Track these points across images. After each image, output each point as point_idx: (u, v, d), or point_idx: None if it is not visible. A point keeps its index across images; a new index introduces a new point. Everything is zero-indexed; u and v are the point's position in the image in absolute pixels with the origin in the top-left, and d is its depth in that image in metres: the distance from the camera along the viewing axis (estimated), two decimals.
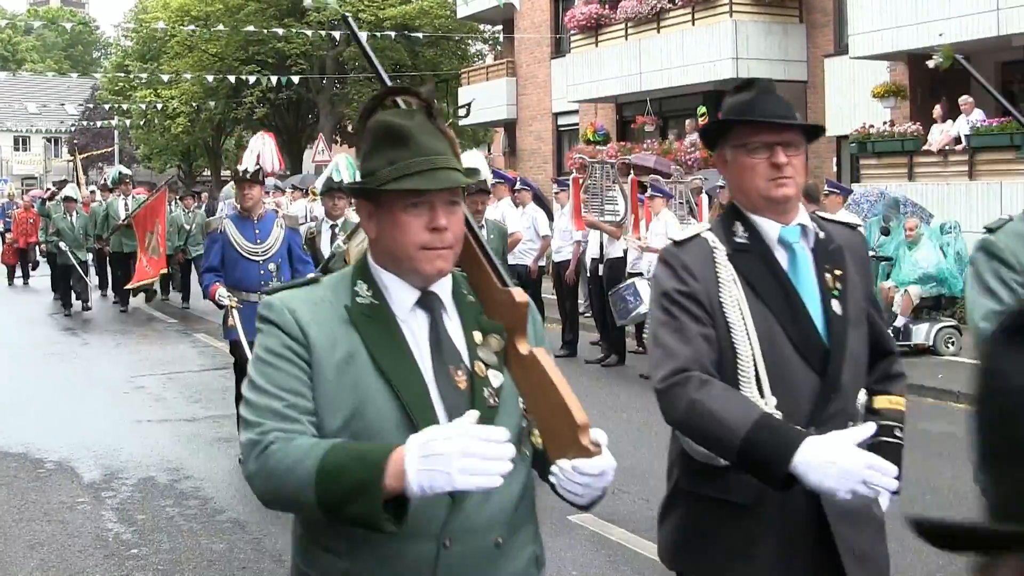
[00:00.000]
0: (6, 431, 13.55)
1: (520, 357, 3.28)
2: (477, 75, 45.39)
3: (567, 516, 9.60)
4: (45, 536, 9.42)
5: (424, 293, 3.32)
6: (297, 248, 12.19)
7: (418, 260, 3.22)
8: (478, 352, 3.31)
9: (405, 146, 3.18)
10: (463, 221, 3.29)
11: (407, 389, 3.18)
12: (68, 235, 26.71)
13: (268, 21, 51.61)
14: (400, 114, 3.31)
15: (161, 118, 60.60)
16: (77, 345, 21.31)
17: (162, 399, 15.66)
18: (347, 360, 3.20)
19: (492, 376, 3.30)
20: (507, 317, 3.33)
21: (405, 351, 3.25)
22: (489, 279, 3.39)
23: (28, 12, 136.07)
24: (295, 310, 3.23)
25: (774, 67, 28.95)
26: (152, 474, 11.42)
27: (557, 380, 3.18)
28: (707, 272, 4.05)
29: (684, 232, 4.26)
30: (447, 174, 3.18)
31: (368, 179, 3.24)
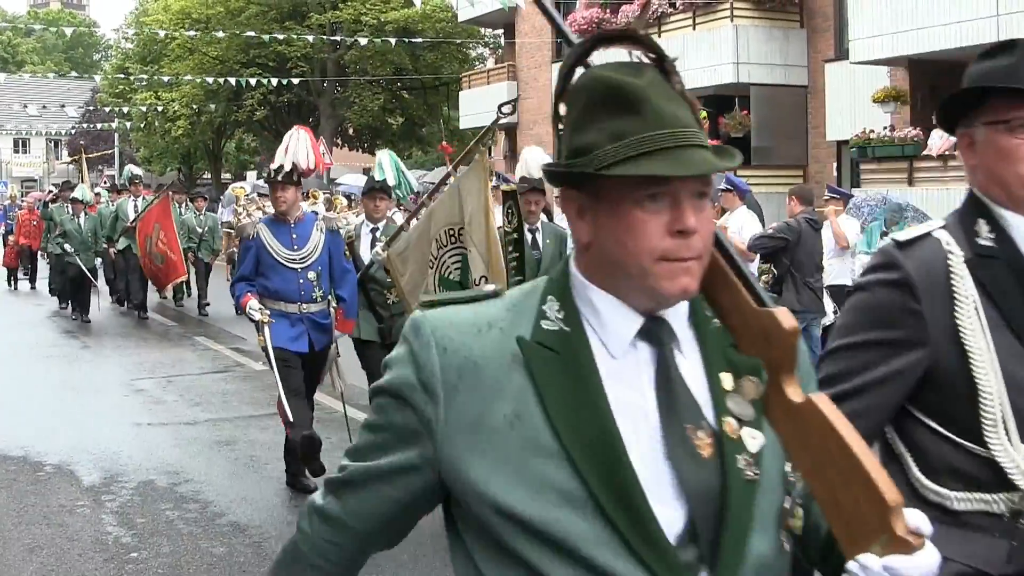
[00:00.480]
0: (5, 433, 13.51)
1: (791, 407, 2.27)
2: (478, 79, 45.47)
3: None
4: (44, 539, 9.40)
5: (650, 319, 2.29)
6: (339, 254, 11.20)
7: (654, 275, 2.21)
8: (727, 402, 2.28)
9: (637, 114, 2.19)
10: (712, 222, 2.27)
11: (596, 474, 2.18)
12: (75, 238, 25.47)
13: (269, 24, 51.70)
14: (625, 69, 2.30)
15: (161, 121, 60.62)
16: (77, 347, 21.30)
17: (162, 402, 15.64)
18: (511, 423, 2.25)
19: (748, 437, 2.27)
20: (768, 350, 2.31)
21: (602, 410, 2.22)
22: (740, 296, 2.35)
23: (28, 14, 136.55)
24: (447, 342, 2.32)
25: (775, 72, 29.02)
26: (152, 477, 11.40)
27: (852, 440, 2.21)
28: (937, 285, 3.21)
29: (909, 231, 3.43)
30: (699, 155, 2.19)
31: (581, 160, 2.24)
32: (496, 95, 42.77)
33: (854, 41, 25.23)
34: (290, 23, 52.79)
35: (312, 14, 53.43)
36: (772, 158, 29.31)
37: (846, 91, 27.58)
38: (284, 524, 9.64)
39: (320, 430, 12.36)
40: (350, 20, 52.49)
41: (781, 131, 29.46)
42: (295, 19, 53.67)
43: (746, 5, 28.94)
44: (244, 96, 54.01)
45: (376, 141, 63.71)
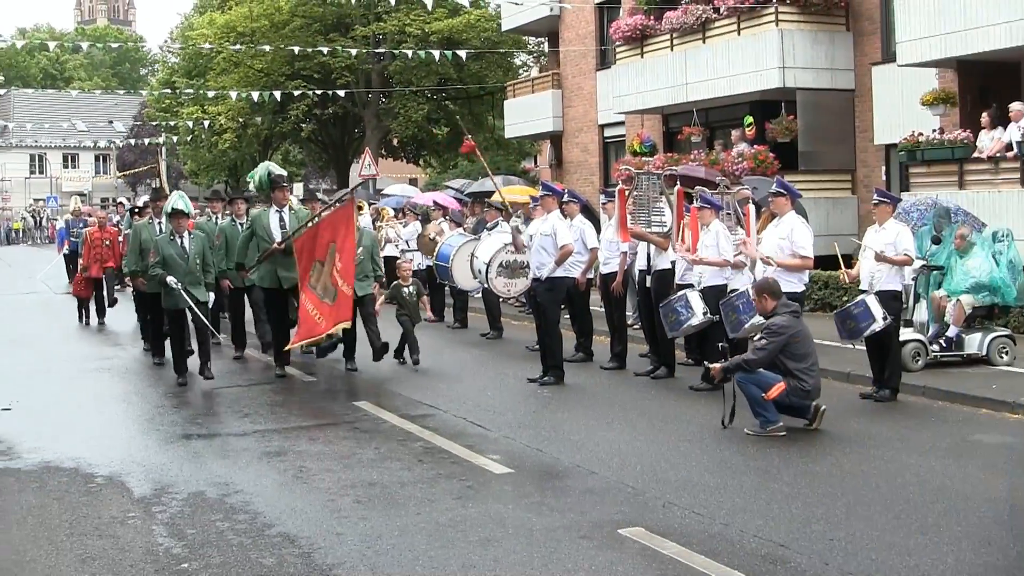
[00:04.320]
0: (56, 446, 13.60)
1: None
2: (523, 88, 45.36)
3: (617, 530, 9.56)
4: (96, 550, 9.43)
5: None
6: None
7: None
8: None
9: None
10: None
11: None
12: (179, 265, 18.13)
13: (313, 37, 51.86)
14: None
15: (208, 134, 60.90)
16: (126, 360, 21.37)
17: (211, 414, 15.71)
18: None
19: None
20: None
21: None
22: None
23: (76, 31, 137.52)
24: None
25: (821, 76, 28.85)
26: (202, 488, 11.42)
27: None
28: None
29: None
30: None
31: None
32: (541, 104, 42.80)
33: (901, 43, 25.05)
34: (334, 35, 52.94)
35: (356, 26, 53.58)
36: (819, 163, 29.14)
37: (894, 94, 27.39)
38: (333, 535, 9.63)
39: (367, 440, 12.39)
40: (394, 31, 52.63)
41: (828, 136, 29.29)
42: (339, 31, 53.83)
43: (791, 9, 28.79)
44: (289, 108, 54.18)
45: (421, 151, 63.86)
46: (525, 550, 9.13)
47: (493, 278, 20.54)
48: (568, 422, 14.56)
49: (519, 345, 21.60)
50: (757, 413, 13.46)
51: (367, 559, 9.00)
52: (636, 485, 11.14)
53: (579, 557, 8.93)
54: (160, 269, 18.10)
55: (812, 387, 13.57)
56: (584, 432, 13.82)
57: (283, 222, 18.65)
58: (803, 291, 16.46)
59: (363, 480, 11.61)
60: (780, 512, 10.06)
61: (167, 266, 18.05)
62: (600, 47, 39.75)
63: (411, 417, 14.91)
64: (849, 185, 29.35)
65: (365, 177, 42.62)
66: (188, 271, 18.10)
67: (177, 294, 17.82)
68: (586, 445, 13.05)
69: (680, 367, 18.14)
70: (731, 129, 30.60)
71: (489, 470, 11.97)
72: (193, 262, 18.23)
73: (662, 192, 18.08)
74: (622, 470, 11.80)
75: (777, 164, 27.74)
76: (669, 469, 11.84)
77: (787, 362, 13.52)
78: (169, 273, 17.93)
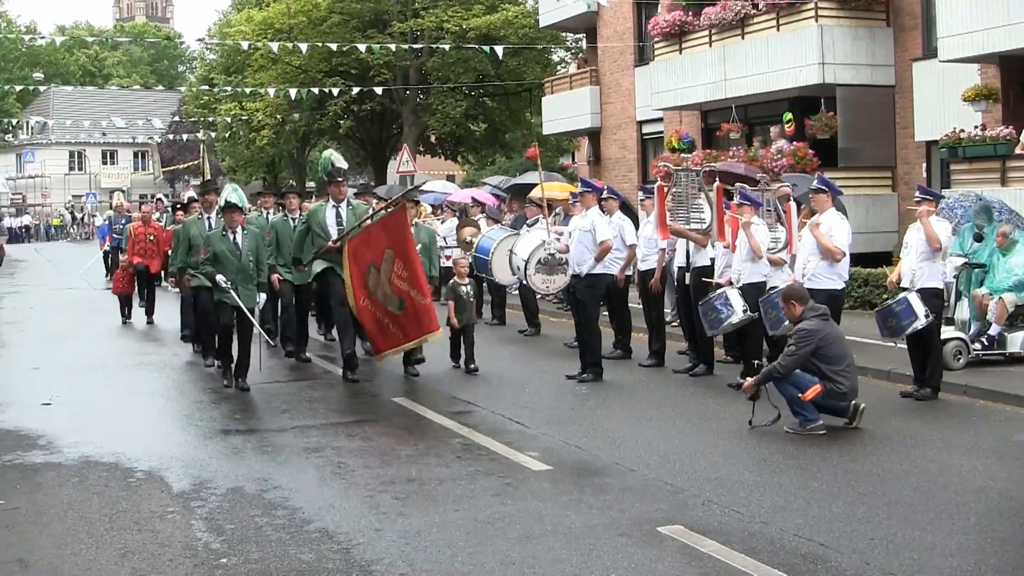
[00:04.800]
0: (96, 440, 13.67)
1: None
2: (561, 84, 45.30)
3: (656, 528, 9.54)
4: (136, 544, 9.46)
5: None
6: None
7: None
8: None
9: None
10: None
11: None
12: (231, 263, 17.14)
13: (351, 33, 51.88)
14: None
15: (246, 131, 61.05)
16: (166, 355, 21.43)
17: (250, 409, 15.74)
18: None
19: None
20: None
21: None
22: None
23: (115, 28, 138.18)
24: None
25: (861, 72, 28.71)
26: (240, 484, 11.45)
27: None
28: None
29: None
30: None
31: None
32: (579, 100, 42.75)
33: (943, 39, 24.89)
34: (372, 31, 52.95)
35: (394, 22, 53.59)
36: (859, 160, 28.98)
37: (935, 90, 27.23)
38: (372, 531, 9.63)
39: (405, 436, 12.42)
40: (432, 27, 52.61)
41: (868, 132, 29.12)
42: (377, 27, 53.83)
43: (831, 4, 28.64)
44: (327, 105, 54.23)
45: (459, 148, 63.85)
46: (564, 547, 9.11)
47: (532, 274, 20.50)
48: (607, 419, 14.54)
49: (557, 342, 21.58)
50: (796, 412, 13.40)
51: (405, 555, 9.00)
52: (675, 483, 11.11)
53: (618, 555, 8.91)
54: (210, 266, 17.16)
55: (848, 388, 13.49)
56: (623, 429, 13.80)
57: (340, 218, 17.81)
58: (843, 288, 16.40)
59: (402, 476, 11.63)
60: (820, 511, 10.01)
61: (218, 263, 17.06)
62: (638, 43, 39.67)
63: (450, 413, 14.92)
64: (889, 182, 29.20)
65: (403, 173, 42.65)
66: (240, 269, 17.12)
67: (226, 293, 16.92)
68: (625, 442, 13.03)
69: (719, 364, 18.10)
70: (770, 126, 30.48)
71: (528, 467, 11.95)
72: (246, 259, 17.20)
73: (701, 189, 18.03)
74: (661, 468, 11.77)
75: (817, 161, 27.63)
76: (708, 467, 11.81)
77: (821, 365, 13.43)
78: (220, 271, 16.96)
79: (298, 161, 70.84)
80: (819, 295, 15.54)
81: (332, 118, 56.44)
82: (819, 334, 13.49)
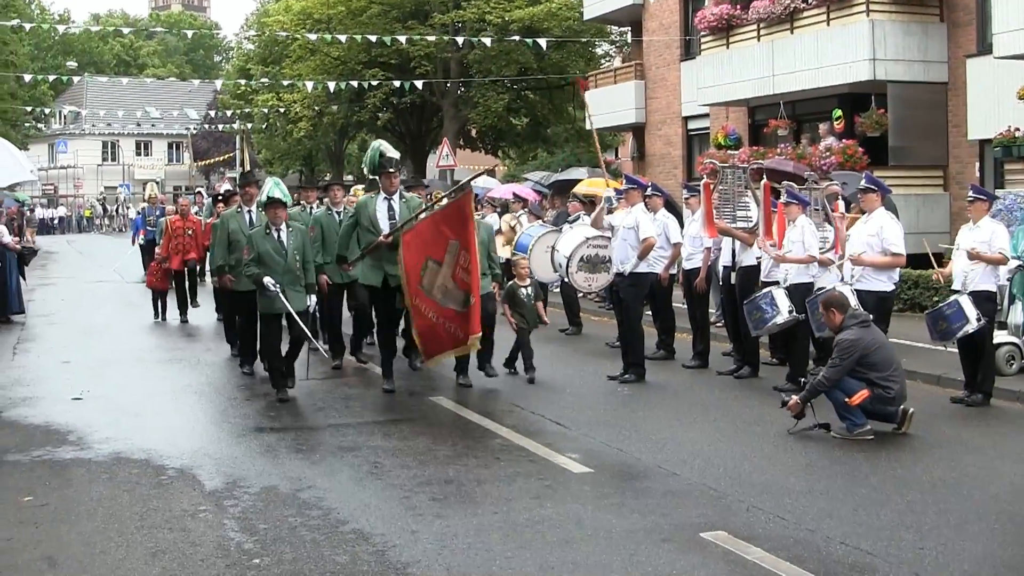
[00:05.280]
0: (128, 437, 13.70)
1: None
2: (605, 78, 45.25)
3: (699, 534, 9.50)
4: (167, 544, 9.47)
5: None
6: None
7: None
8: None
9: None
10: None
11: None
12: (276, 263, 16.12)
13: (391, 24, 51.90)
14: None
15: (283, 122, 61.17)
16: (200, 351, 21.47)
17: (285, 407, 15.73)
18: None
19: None
20: None
21: None
22: None
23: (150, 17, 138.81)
24: None
25: (913, 68, 28.56)
26: (274, 483, 11.45)
27: None
28: None
29: None
30: None
31: None
32: (623, 94, 42.71)
33: (998, 35, 24.72)
34: (412, 23, 52.96)
35: (435, 13, 53.57)
36: (910, 158, 28.82)
37: (989, 87, 27.05)
38: (408, 533, 9.62)
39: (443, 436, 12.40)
40: (474, 19, 52.55)
41: (920, 130, 28.96)
42: (418, 18, 53.84)
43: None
44: (366, 97, 54.25)
45: (500, 142, 63.80)
46: (604, 552, 9.09)
47: (574, 272, 20.43)
48: (649, 421, 14.51)
49: (599, 341, 21.55)
50: (843, 416, 13.34)
51: (442, 558, 8.99)
52: (719, 487, 11.08)
53: (660, 561, 8.88)
54: (256, 267, 16.07)
55: (896, 394, 13.41)
56: (665, 432, 13.77)
57: (392, 211, 16.55)
58: (893, 290, 16.33)
59: (439, 477, 11.62)
60: (868, 519, 9.95)
61: (262, 264, 16.01)
62: (685, 37, 39.61)
63: (488, 413, 14.91)
64: (941, 181, 29.04)
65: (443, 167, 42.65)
66: (287, 269, 16.09)
67: (275, 297, 15.94)
68: (667, 445, 13.00)
69: (764, 366, 18.04)
70: (819, 122, 30.33)
71: (568, 469, 11.93)
72: (292, 259, 16.18)
73: (748, 186, 17.97)
74: (704, 472, 11.74)
75: (866, 159, 27.54)
76: (753, 472, 11.76)
77: (867, 372, 13.35)
78: (265, 272, 15.94)
79: (336, 154, 70.98)
80: (868, 297, 15.49)
81: (371, 110, 56.47)
82: (861, 343, 13.40)
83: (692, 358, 18.92)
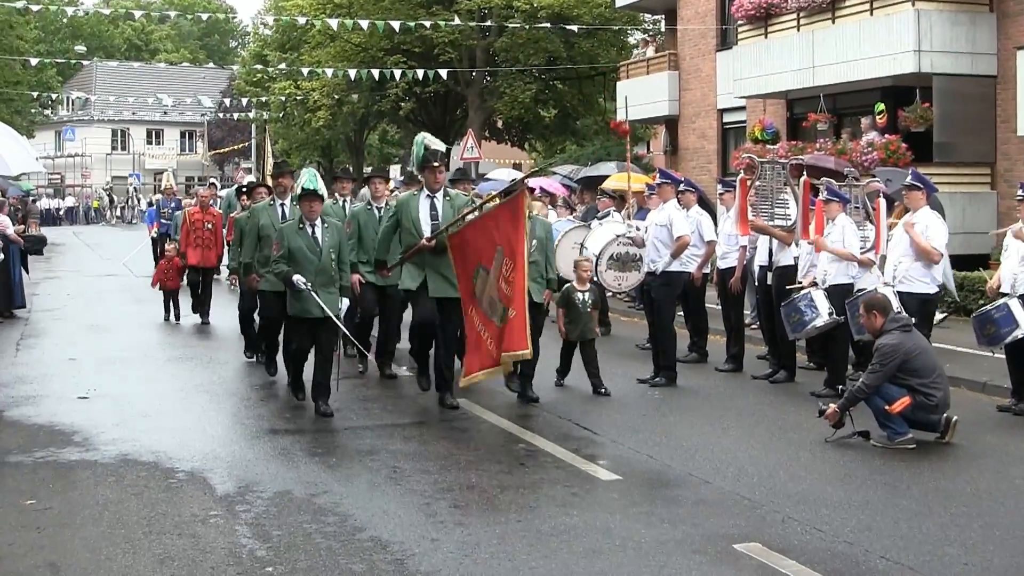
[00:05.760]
0: (136, 438, 13.72)
1: None
2: (637, 68, 45.19)
3: (732, 545, 9.49)
4: (176, 550, 9.48)
5: None
6: None
7: None
8: None
9: None
10: None
11: None
12: (309, 261, 15.14)
13: (414, 9, 51.85)
14: None
15: (301, 111, 61.18)
16: (212, 349, 21.51)
17: (300, 408, 15.72)
18: None
19: None
20: None
21: None
22: None
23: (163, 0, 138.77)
24: None
25: (960, 61, 28.46)
26: (288, 487, 11.46)
27: None
28: None
29: None
30: None
31: None
32: (656, 85, 42.64)
33: None
34: (437, 8, 52.88)
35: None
36: (956, 155, 28.71)
37: None
38: (428, 541, 9.62)
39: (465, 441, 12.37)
40: (501, 5, 52.39)
41: (967, 125, 28.86)
42: (442, 4, 53.75)
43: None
44: (388, 86, 54.20)
45: (527, 135, 63.69)
46: (633, 563, 9.08)
47: (603, 271, 20.39)
48: (680, 427, 14.49)
49: (628, 343, 21.52)
50: (883, 424, 13.30)
51: (464, 568, 8.99)
52: (753, 497, 11.06)
53: (691, 573, 8.87)
54: (285, 265, 15.14)
55: (939, 401, 13.35)
56: (697, 438, 13.76)
57: (435, 211, 15.57)
58: (937, 292, 16.28)
59: (460, 483, 11.63)
60: (910, 532, 9.93)
61: (294, 262, 15.09)
62: (721, 26, 39.54)
63: (513, 417, 14.90)
64: (988, 179, 28.93)
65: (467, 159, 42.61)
66: (320, 269, 15.14)
67: (307, 298, 15.03)
68: (699, 452, 12.99)
69: (801, 371, 17.99)
70: (860, 116, 30.27)
71: (595, 476, 11.93)
72: (327, 258, 15.23)
73: (786, 182, 17.93)
74: (738, 480, 11.72)
75: (910, 155, 27.46)
76: (789, 481, 11.74)
77: (908, 379, 13.29)
78: (296, 270, 15.03)
79: (355, 145, 70.99)
80: (910, 299, 15.45)
81: (393, 100, 56.37)
82: (903, 348, 13.35)
83: (726, 361, 18.90)
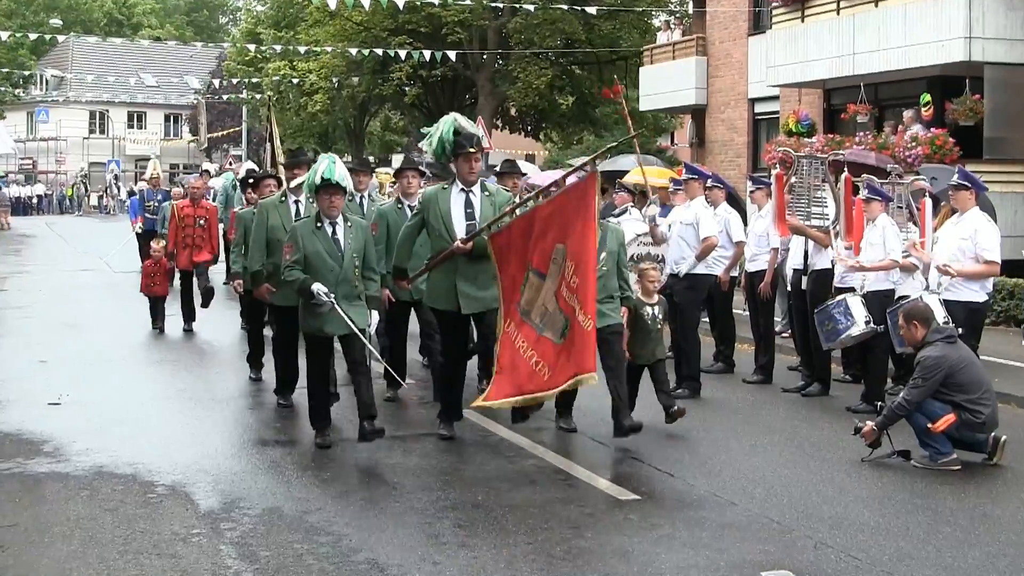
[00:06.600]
0: (112, 449, 13.73)
1: None
2: (662, 53, 45.21)
3: (760, 573, 9.49)
4: (154, 572, 9.50)
5: None
6: None
7: None
8: None
9: None
10: None
11: None
12: (328, 268, 13.66)
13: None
14: None
15: (297, 94, 61.13)
16: (197, 352, 21.54)
17: (291, 418, 15.75)
18: None
19: None
20: None
21: None
22: None
23: None
24: None
25: (1015, 49, 28.42)
26: (278, 504, 11.48)
27: None
28: None
29: None
30: None
31: None
32: (683, 72, 42.63)
33: None
34: None
35: None
36: (1009, 151, 28.68)
37: None
38: (429, 564, 9.63)
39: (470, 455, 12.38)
40: None
41: (1020, 119, 28.86)
42: None
43: None
44: (391, 68, 54.15)
45: (541, 124, 63.64)
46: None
47: None
48: (704, 443, 14.50)
49: None
50: (926, 444, 13.28)
51: None
52: (783, 521, 11.06)
53: None
54: (300, 271, 13.60)
55: (987, 418, 13.32)
56: (723, 455, 13.76)
57: (471, 208, 14.00)
58: (986, 301, 16.26)
59: (465, 501, 11.64)
60: (953, 562, 9.92)
61: (310, 268, 13.61)
62: (753, 8, 39.54)
63: (522, 431, 14.86)
64: None
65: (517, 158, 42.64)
66: (342, 278, 13.70)
67: (328, 312, 13.59)
68: (724, 471, 12.99)
69: (836, 384, 17.98)
70: (904, 109, 30.27)
71: (611, 495, 11.95)
72: (350, 264, 13.77)
73: (825, 179, 17.89)
74: (766, 502, 11.72)
75: (958, 151, 27.43)
76: (822, 503, 11.73)
77: (953, 395, 13.26)
78: (315, 278, 13.54)
79: (355, 132, 71.01)
80: (957, 308, 15.41)
81: (396, 84, 56.35)
82: (947, 361, 13.32)
83: (754, 372, 18.88)
